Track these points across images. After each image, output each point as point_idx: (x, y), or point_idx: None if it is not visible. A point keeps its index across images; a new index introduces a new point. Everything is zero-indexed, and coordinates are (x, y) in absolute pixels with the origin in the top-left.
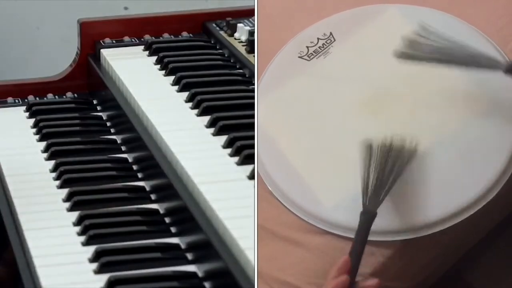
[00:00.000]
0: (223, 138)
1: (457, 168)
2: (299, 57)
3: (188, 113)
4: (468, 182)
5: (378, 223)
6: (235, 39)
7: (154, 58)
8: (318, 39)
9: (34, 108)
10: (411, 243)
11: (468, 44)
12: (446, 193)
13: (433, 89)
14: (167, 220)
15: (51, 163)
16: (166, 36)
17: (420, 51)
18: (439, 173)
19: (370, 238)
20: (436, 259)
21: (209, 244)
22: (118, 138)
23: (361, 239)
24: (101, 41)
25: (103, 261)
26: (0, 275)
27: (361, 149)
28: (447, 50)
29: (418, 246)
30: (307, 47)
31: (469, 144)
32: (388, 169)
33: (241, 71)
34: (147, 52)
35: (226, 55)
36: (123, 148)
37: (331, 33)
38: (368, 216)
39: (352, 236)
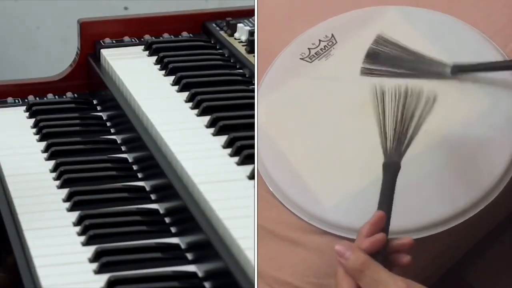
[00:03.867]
0: (223, 138)
1: (458, 169)
2: (300, 58)
3: (188, 113)
4: (468, 183)
5: None
6: (235, 39)
7: (154, 58)
8: (319, 40)
9: (34, 108)
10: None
11: (419, 51)
12: (447, 194)
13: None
14: (167, 220)
15: (51, 163)
16: (166, 36)
17: (378, 63)
18: (440, 174)
19: None
20: (436, 259)
21: (209, 244)
22: (118, 138)
23: (388, 193)
24: (101, 41)
25: (103, 261)
26: (1, 280)
27: (373, 96)
28: (399, 60)
29: (418, 247)
30: (309, 48)
31: (470, 145)
32: (409, 114)
33: (241, 71)
34: (147, 52)
35: (226, 55)
36: (123, 148)
37: (332, 35)
38: (392, 168)
39: (352, 236)
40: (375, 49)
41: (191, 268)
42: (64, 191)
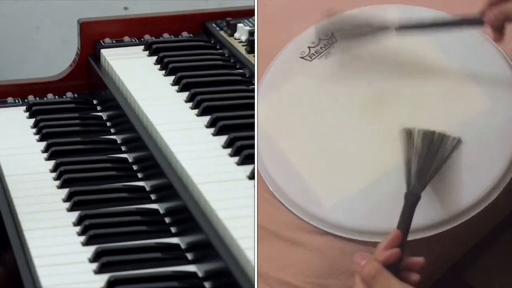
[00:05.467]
0: (223, 138)
1: (459, 170)
2: (300, 57)
3: (188, 113)
4: (468, 183)
5: (380, 225)
6: (235, 39)
7: (154, 58)
8: (319, 39)
9: (34, 108)
10: (411, 245)
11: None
12: (447, 194)
13: (432, 89)
14: (167, 220)
15: (51, 163)
16: (166, 36)
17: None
18: (439, 174)
19: (372, 239)
20: (436, 259)
21: (209, 244)
22: (118, 138)
23: (407, 218)
24: (101, 41)
25: (103, 261)
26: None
27: (402, 135)
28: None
29: (419, 247)
30: (309, 47)
31: (470, 146)
32: (430, 156)
33: (241, 71)
34: (147, 52)
35: (226, 55)
36: (123, 148)
37: (332, 34)
38: (413, 199)
39: (352, 237)
40: (327, 26)
41: (191, 268)
42: (64, 191)
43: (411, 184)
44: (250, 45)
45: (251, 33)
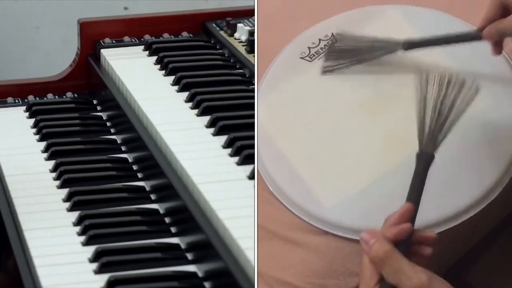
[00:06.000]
0: (223, 138)
1: (458, 170)
2: (300, 57)
3: (188, 113)
4: (468, 183)
5: (380, 225)
6: (235, 39)
7: (154, 58)
8: (320, 40)
9: (34, 108)
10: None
11: (372, 35)
12: (446, 194)
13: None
14: (167, 220)
15: (51, 163)
16: (166, 36)
17: (336, 59)
18: (439, 175)
19: None
20: (436, 259)
21: (209, 244)
22: (118, 138)
23: (418, 184)
24: (101, 41)
25: (103, 261)
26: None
27: (415, 82)
28: (356, 50)
29: None
30: (309, 48)
31: (469, 146)
32: (448, 104)
33: (241, 71)
34: (147, 52)
35: (226, 55)
36: (123, 148)
37: (332, 34)
38: (425, 159)
39: (352, 236)
40: (332, 47)
41: (191, 268)
42: (64, 191)
43: (424, 141)
44: (250, 45)
45: (251, 33)
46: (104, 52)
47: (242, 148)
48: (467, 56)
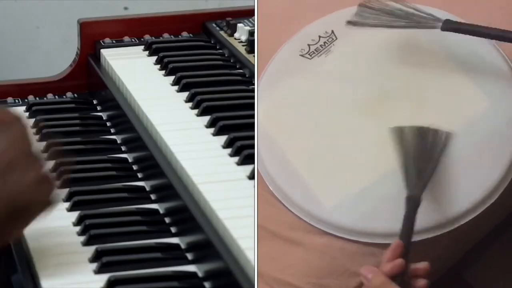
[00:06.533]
0: (223, 138)
1: (459, 172)
2: (300, 55)
3: (188, 113)
4: (469, 185)
5: (380, 226)
6: (235, 39)
7: (154, 58)
8: (319, 37)
9: (34, 108)
10: (412, 245)
11: (410, 6)
12: (447, 196)
13: (432, 90)
14: (167, 220)
15: (51, 163)
16: (166, 36)
17: (368, 18)
18: (439, 176)
19: (373, 240)
20: (435, 260)
21: (209, 244)
22: (118, 138)
23: (409, 223)
24: (101, 41)
25: (103, 261)
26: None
27: (393, 136)
28: (390, 13)
29: (419, 248)
30: (309, 45)
31: (470, 147)
32: (426, 154)
33: (241, 71)
34: (147, 52)
35: (226, 55)
36: (123, 148)
37: (332, 31)
38: (414, 202)
39: (352, 237)
40: (366, 3)
41: (191, 268)
42: (64, 191)
43: (411, 186)
44: (250, 45)
45: (251, 33)
46: (104, 52)
47: (242, 148)
48: (467, 57)
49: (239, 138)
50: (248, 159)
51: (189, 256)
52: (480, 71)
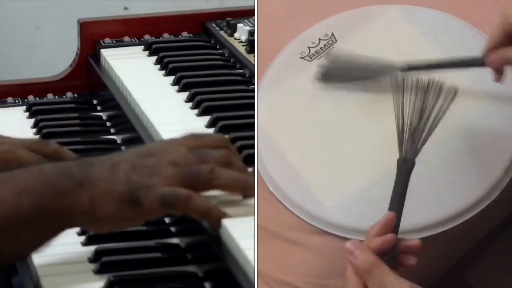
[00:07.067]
0: None
1: (459, 170)
2: (300, 57)
3: (188, 113)
4: (468, 184)
5: None
6: (235, 39)
7: (154, 58)
8: (319, 39)
9: (34, 108)
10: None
11: (370, 57)
12: (446, 195)
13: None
14: (167, 220)
15: None
16: (166, 36)
17: (332, 81)
18: (439, 175)
19: None
20: (436, 260)
21: (209, 244)
22: (118, 138)
23: (400, 192)
24: (101, 41)
25: (103, 261)
26: None
27: (393, 86)
28: (353, 70)
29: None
30: (309, 47)
31: (469, 146)
32: (428, 109)
33: (241, 71)
34: (147, 52)
35: (226, 55)
36: (123, 148)
37: (332, 34)
38: (406, 165)
39: (352, 236)
40: (327, 68)
41: (191, 268)
42: None
43: (404, 147)
44: (250, 45)
45: (251, 33)
46: (104, 52)
47: (242, 148)
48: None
49: (239, 138)
50: (248, 159)
51: (189, 256)
52: (480, 70)
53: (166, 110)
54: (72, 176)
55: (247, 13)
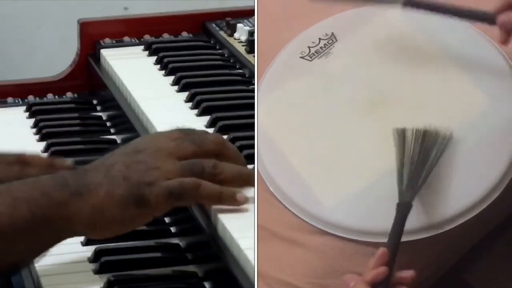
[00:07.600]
0: None
1: (457, 170)
2: (300, 57)
3: (188, 113)
4: (468, 184)
5: (380, 225)
6: (235, 39)
7: (154, 58)
8: (319, 39)
9: (34, 108)
10: (411, 245)
11: None
12: (446, 195)
13: (432, 90)
14: (167, 220)
15: None
16: (166, 36)
17: None
18: (438, 175)
19: (373, 240)
20: (435, 260)
21: (209, 244)
22: (118, 138)
23: (397, 230)
24: (101, 41)
25: (103, 261)
26: None
27: (394, 138)
28: None
29: (418, 248)
30: (309, 47)
31: (469, 146)
32: (423, 157)
33: (241, 71)
34: (147, 52)
35: (226, 55)
36: None
37: (332, 33)
38: (404, 209)
39: (352, 237)
40: None
41: (191, 268)
42: None
43: (403, 191)
44: (250, 45)
45: (251, 33)
46: (104, 52)
47: (242, 148)
48: (467, 58)
49: (239, 138)
50: (248, 159)
51: (189, 256)
52: (480, 70)
53: (166, 110)
54: (68, 185)
55: (247, 13)
